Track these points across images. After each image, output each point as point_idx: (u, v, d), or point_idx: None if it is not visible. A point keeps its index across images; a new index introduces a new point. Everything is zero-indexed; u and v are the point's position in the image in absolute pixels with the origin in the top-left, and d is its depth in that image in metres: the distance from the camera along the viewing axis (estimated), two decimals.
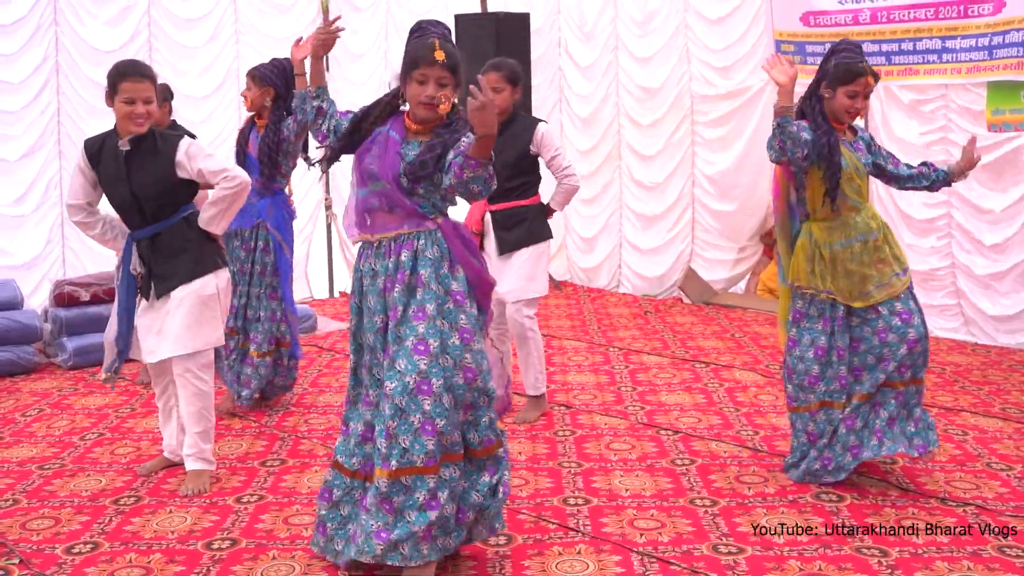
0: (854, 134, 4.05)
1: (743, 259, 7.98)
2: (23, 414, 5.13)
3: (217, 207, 3.95)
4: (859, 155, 3.99)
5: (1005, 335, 6.34)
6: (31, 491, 4.05)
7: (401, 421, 3.04)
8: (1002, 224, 6.30)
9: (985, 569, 3.27)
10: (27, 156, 6.72)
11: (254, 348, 5.00)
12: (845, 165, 3.91)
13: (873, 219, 4.02)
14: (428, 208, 3.17)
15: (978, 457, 4.34)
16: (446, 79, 3.09)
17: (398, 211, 3.16)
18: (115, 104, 3.87)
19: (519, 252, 4.75)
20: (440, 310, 3.11)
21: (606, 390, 5.48)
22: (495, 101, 2.84)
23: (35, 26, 6.71)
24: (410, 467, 3.04)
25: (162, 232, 3.93)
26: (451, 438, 3.09)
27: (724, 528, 3.61)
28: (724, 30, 7.55)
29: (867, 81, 3.83)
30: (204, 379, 3.98)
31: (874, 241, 3.97)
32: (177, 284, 3.91)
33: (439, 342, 3.07)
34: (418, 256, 3.13)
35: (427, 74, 3.07)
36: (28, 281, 6.62)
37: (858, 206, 3.98)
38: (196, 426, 4.01)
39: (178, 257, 3.92)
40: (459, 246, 3.18)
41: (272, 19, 7.80)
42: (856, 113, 3.89)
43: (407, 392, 3.03)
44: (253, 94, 4.97)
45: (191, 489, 3.99)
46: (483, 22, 7.41)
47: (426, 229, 3.16)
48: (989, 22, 6.06)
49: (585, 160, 8.52)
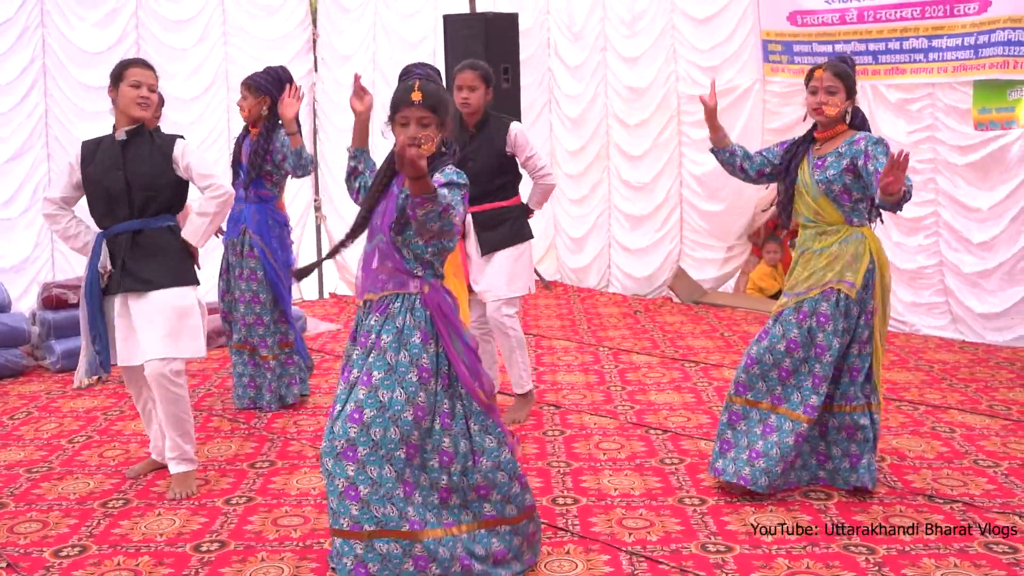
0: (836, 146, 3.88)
1: (732, 258, 8.01)
2: (11, 417, 5.11)
3: (203, 218, 4.00)
4: (814, 172, 3.87)
5: (992, 332, 6.37)
6: (19, 494, 4.04)
7: (328, 483, 3.05)
8: (989, 222, 6.33)
9: (972, 566, 3.28)
10: (15, 159, 6.69)
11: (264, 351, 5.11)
12: (797, 180, 3.93)
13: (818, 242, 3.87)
14: (413, 263, 3.11)
15: (965, 454, 4.36)
16: (427, 118, 3.06)
17: (388, 265, 3.13)
18: (120, 90, 3.93)
19: (500, 252, 4.76)
20: (396, 379, 3.04)
21: (595, 390, 5.49)
22: (412, 150, 2.72)
23: (22, 28, 6.68)
24: (337, 529, 3.05)
25: (144, 231, 3.94)
26: (383, 510, 3.00)
27: (713, 527, 3.62)
28: (711, 30, 7.56)
29: (819, 72, 3.84)
30: (179, 383, 3.95)
31: (799, 255, 3.96)
32: (154, 287, 3.90)
33: (374, 412, 3.01)
34: (387, 320, 3.10)
35: (408, 116, 3.07)
36: (17, 284, 6.60)
37: (808, 223, 3.94)
38: (174, 430, 4.00)
39: (156, 258, 3.93)
40: (440, 322, 3.10)
41: (261, 21, 7.79)
42: (821, 109, 3.84)
43: (334, 455, 3.03)
44: (249, 103, 4.99)
45: (178, 493, 3.98)
46: (471, 23, 7.41)
47: (406, 292, 3.11)
48: (975, 21, 6.09)
49: (574, 160, 8.53)
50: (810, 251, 3.93)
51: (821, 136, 3.94)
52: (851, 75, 3.87)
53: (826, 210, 3.88)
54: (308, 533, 3.61)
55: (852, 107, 3.93)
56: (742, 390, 3.92)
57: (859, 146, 3.80)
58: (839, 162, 3.83)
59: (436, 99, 3.07)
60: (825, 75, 3.83)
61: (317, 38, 8.12)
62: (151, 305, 3.90)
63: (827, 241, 3.88)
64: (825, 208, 3.88)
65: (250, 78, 5.00)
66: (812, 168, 3.91)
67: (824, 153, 3.91)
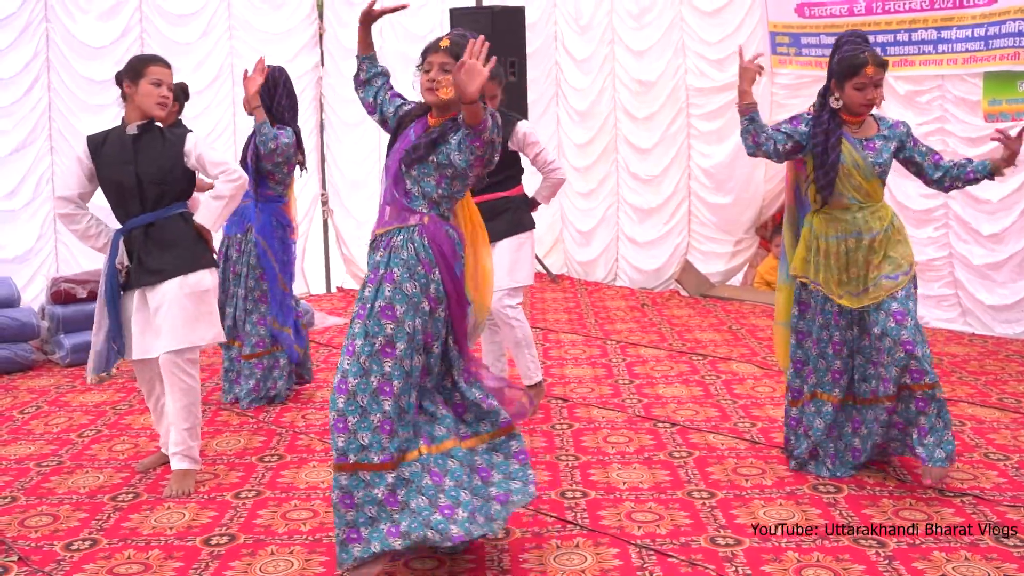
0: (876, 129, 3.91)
1: (739, 252, 7.99)
2: (21, 411, 5.13)
3: (219, 201, 3.99)
4: (866, 153, 3.87)
5: (1002, 325, 6.35)
6: (29, 488, 4.05)
7: (359, 413, 3.09)
8: (1000, 214, 6.30)
9: (983, 559, 3.27)
10: (18, 151, 6.70)
11: (247, 350, 5.11)
12: (843, 161, 3.86)
13: (879, 219, 3.90)
14: (417, 199, 3.17)
15: (975, 447, 4.34)
16: (449, 64, 3.14)
17: (397, 203, 3.20)
18: (140, 86, 3.90)
19: (501, 242, 4.75)
20: (412, 306, 3.12)
21: (603, 383, 5.48)
22: (480, 67, 2.89)
23: (25, 22, 6.69)
24: (367, 463, 3.08)
25: (157, 222, 3.94)
26: (406, 434, 3.10)
27: (722, 520, 3.61)
28: (719, 22, 7.54)
29: (869, 71, 3.76)
30: (192, 374, 3.96)
31: (870, 241, 3.88)
32: (168, 276, 3.90)
33: (404, 345, 3.10)
34: (392, 254, 3.15)
35: (432, 61, 3.18)
36: (21, 275, 6.62)
37: (857, 203, 3.90)
38: (184, 422, 3.99)
39: (171, 250, 3.93)
40: (437, 249, 3.15)
41: (265, 15, 7.78)
42: (871, 104, 3.82)
43: (335, 388, 3.12)
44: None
45: (176, 491, 3.94)
46: (478, 16, 7.39)
47: (406, 225, 3.17)
48: (984, 12, 6.06)
49: (582, 154, 8.52)
50: (876, 234, 3.88)
51: (853, 119, 3.91)
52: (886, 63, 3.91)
53: (876, 190, 3.93)
54: (317, 527, 3.61)
55: None
56: None
57: (900, 130, 3.94)
58: (887, 146, 3.91)
59: (461, 48, 3.11)
60: (874, 70, 3.78)
61: (324, 32, 8.10)
62: (167, 295, 3.90)
63: (884, 217, 3.93)
64: (876, 189, 3.93)
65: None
66: (863, 151, 3.89)
67: (869, 136, 3.92)
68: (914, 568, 3.22)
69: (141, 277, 3.92)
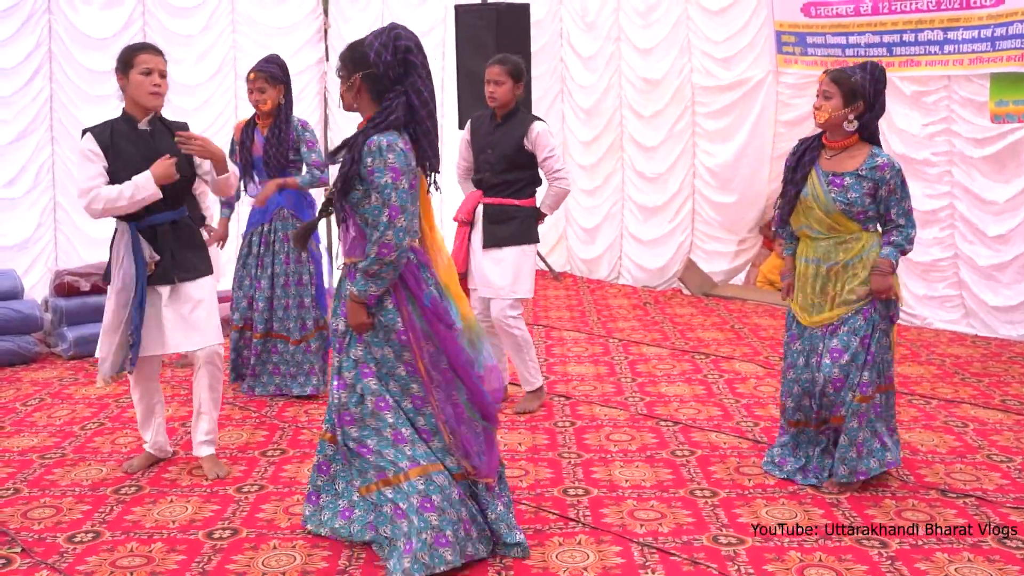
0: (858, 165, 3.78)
1: (743, 251, 7.98)
2: (24, 403, 5.13)
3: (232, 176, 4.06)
4: (829, 188, 3.79)
5: (1006, 326, 6.34)
6: (32, 480, 4.06)
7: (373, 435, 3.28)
8: (1005, 215, 6.29)
9: (985, 560, 3.27)
10: (18, 140, 6.71)
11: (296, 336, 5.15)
12: (805, 194, 3.85)
13: (845, 251, 3.81)
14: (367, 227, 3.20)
15: (978, 449, 4.34)
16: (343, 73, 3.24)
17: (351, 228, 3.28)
18: (131, 77, 3.85)
19: (504, 250, 4.77)
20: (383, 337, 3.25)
21: (606, 381, 5.48)
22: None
23: (28, 13, 6.69)
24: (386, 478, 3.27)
25: (180, 220, 3.99)
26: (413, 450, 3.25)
27: (724, 519, 3.61)
28: (725, 21, 7.53)
29: (820, 77, 3.82)
30: (221, 366, 4.11)
31: (827, 270, 3.86)
32: (204, 274, 4.01)
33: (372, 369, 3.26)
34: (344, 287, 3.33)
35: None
36: (20, 263, 6.63)
37: (818, 236, 3.86)
38: (216, 410, 4.13)
39: (194, 250, 4.01)
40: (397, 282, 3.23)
41: (268, 8, 7.77)
42: (814, 112, 3.82)
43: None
44: (270, 94, 5.03)
45: (217, 474, 4.06)
46: (483, 13, 7.38)
47: (356, 259, 3.27)
48: (991, 13, 6.04)
49: (587, 151, 8.51)
50: (836, 264, 3.84)
51: (831, 144, 3.86)
52: (853, 81, 3.71)
53: (843, 223, 3.82)
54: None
55: (859, 115, 3.76)
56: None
57: (883, 174, 3.75)
58: (860, 185, 3.77)
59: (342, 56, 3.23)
60: (824, 79, 3.79)
61: (328, 28, 8.09)
62: (202, 291, 3.99)
63: (851, 250, 3.82)
64: (841, 222, 3.82)
65: (265, 70, 5.00)
66: (827, 185, 3.81)
67: (841, 171, 3.81)
68: (916, 569, 3.21)
69: (176, 272, 3.93)
